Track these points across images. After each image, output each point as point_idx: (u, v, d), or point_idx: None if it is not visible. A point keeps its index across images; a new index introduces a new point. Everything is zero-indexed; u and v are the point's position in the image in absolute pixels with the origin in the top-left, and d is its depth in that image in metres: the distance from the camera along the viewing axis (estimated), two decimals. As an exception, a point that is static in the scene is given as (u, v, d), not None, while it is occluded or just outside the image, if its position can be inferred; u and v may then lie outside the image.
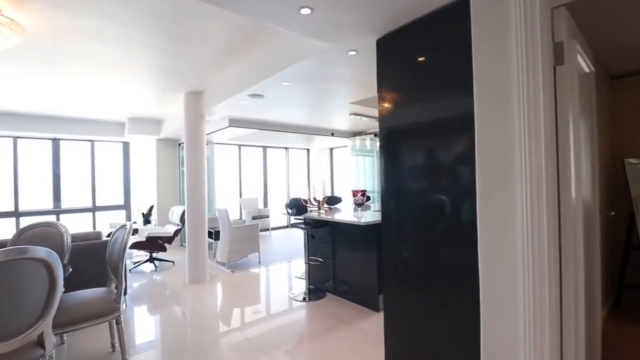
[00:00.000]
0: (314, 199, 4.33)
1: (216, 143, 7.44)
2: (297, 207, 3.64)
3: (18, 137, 6.24)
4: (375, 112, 5.02)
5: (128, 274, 4.76)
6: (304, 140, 8.87)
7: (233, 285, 4.38)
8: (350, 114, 5.04)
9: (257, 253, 5.43)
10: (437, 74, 1.87)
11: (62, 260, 2.83)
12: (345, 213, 4.16)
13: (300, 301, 3.71)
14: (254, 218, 7.73)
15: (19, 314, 1.67)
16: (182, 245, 6.70)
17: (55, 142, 6.62)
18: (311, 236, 3.82)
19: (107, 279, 2.87)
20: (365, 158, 6.91)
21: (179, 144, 7.25)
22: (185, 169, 4.49)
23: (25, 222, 6.31)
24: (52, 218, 6.55)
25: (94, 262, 3.29)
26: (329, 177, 9.39)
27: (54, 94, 4.59)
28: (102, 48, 2.96)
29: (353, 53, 2.45)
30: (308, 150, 9.68)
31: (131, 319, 3.38)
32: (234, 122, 5.19)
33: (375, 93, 3.83)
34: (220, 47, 3.01)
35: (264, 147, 8.88)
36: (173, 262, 5.47)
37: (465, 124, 1.66)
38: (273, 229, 8.41)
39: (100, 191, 7.07)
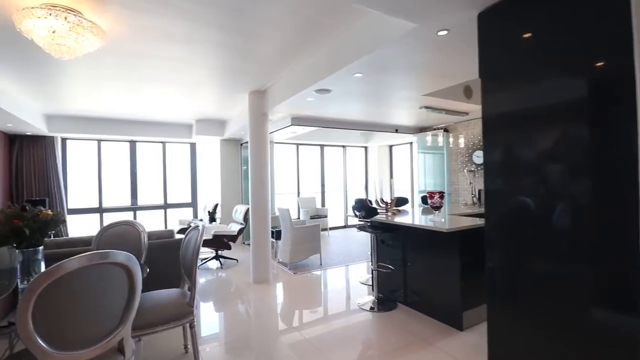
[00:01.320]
0: (381, 200, 4.02)
1: (275, 142, 7.46)
2: (366, 209, 3.36)
3: (101, 140, 6.85)
4: (450, 105, 4.55)
5: (197, 263, 4.94)
6: (362, 137, 8.56)
7: (296, 288, 4.26)
8: (420, 108, 4.62)
9: (318, 255, 5.27)
10: (558, 49, 1.46)
11: (139, 259, 2.91)
12: (418, 216, 3.78)
13: (367, 310, 3.44)
14: (312, 217, 7.64)
15: (101, 319, 1.63)
16: (244, 243, 6.83)
17: (132, 144, 7.15)
18: (381, 241, 3.52)
19: (179, 278, 2.89)
20: (434, 156, 6.39)
21: (241, 144, 7.40)
22: (249, 168, 4.47)
23: (107, 217, 6.92)
24: (130, 214, 7.10)
25: (167, 260, 3.36)
26: (388, 176, 8.95)
27: (131, 99, 4.88)
28: (171, 48, 2.98)
29: (443, 33, 2.10)
30: (366, 148, 9.34)
31: (198, 312, 3.46)
32: (297, 121, 5.07)
33: (453, 82, 3.44)
34: (287, 38, 2.84)
35: (322, 146, 8.75)
36: (237, 260, 5.55)
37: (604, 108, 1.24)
38: (331, 228, 8.25)
39: (171, 189, 7.50)
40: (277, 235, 5.54)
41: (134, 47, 2.93)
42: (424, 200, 5.35)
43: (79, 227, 6.60)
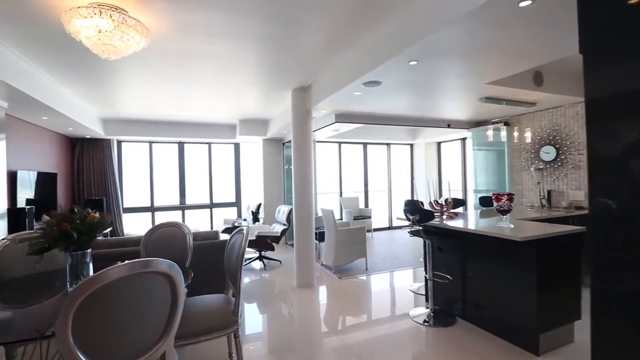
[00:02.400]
0: (435, 202, 3.65)
1: (317, 141, 7.29)
2: (421, 213, 3.03)
3: (152, 142, 7.15)
4: (515, 94, 4.04)
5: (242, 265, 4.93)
6: (408, 134, 8.12)
7: (341, 293, 4.04)
8: (480, 99, 4.16)
9: (363, 258, 5.00)
10: None
11: (185, 261, 2.87)
12: (480, 221, 3.37)
13: (421, 324, 3.11)
14: (355, 218, 7.36)
15: (143, 331, 1.53)
16: (287, 243, 6.75)
17: (181, 145, 7.39)
18: (438, 248, 3.17)
19: (225, 282, 2.79)
20: (491, 152, 5.81)
21: (283, 143, 7.33)
22: (292, 167, 4.32)
23: (158, 216, 7.21)
24: (178, 213, 7.34)
25: (212, 262, 3.31)
26: (436, 175, 8.41)
27: (178, 100, 4.98)
28: (214, 44, 2.89)
29: (526, 3, 1.74)
30: (411, 145, 8.86)
31: (242, 316, 3.45)
32: (341, 117, 4.84)
33: (524, 67, 2.97)
34: (335, 23, 2.61)
35: (365, 144, 8.43)
36: (280, 262, 5.46)
37: None
38: (375, 230, 7.91)
39: (216, 189, 7.65)
40: (320, 236, 5.36)
41: (177, 45, 2.88)
42: (482, 202, 4.85)
43: (134, 225, 6.94)
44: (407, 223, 3.41)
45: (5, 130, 3.56)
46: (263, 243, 5.09)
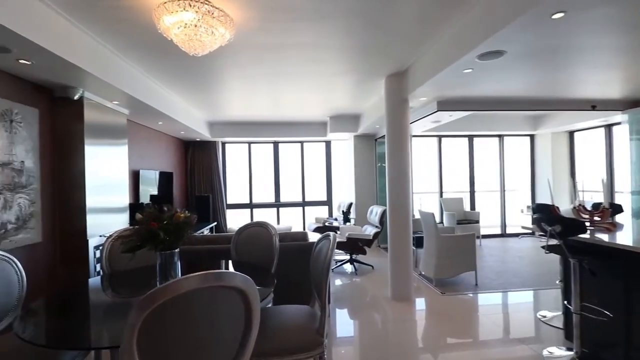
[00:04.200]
0: (582, 207, 2.73)
1: (413, 136, 6.61)
2: (565, 223, 2.23)
3: (251, 143, 7.54)
4: None
5: (330, 273, 4.73)
6: (528, 122, 6.76)
7: (444, 311, 3.41)
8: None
9: (473, 272, 4.22)
10: None
11: (271, 263, 2.72)
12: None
13: (563, 369, 2.31)
14: (458, 223, 6.45)
15: (214, 350, 1.33)
16: (379, 246, 6.29)
17: (275, 145, 7.63)
18: (590, 272, 2.31)
19: (311, 290, 2.53)
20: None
21: (376, 139, 6.88)
22: (386, 164, 3.86)
23: (256, 212, 7.58)
24: (273, 211, 7.60)
25: (298, 266, 3.12)
26: (567, 172, 6.78)
27: (271, 99, 5.03)
28: (300, 27, 2.65)
29: None
30: (532, 136, 7.36)
31: (333, 316, 3.39)
32: (444, 105, 4.15)
33: None
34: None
35: (470, 137, 7.35)
36: (372, 267, 5.05)
37: None
38: (484, 237, 6.81)
39: (308, 188, 7.67)
40: (417, 242, 4.75)
41: (263, 37, 2.75)
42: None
43: (235, 220, 7.46)
44: (529, 231, 2.61)
45: (128, 134, 4.04)
46: (354, 246, 4.76)
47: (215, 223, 6.84)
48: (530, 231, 2.76)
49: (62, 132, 3.12)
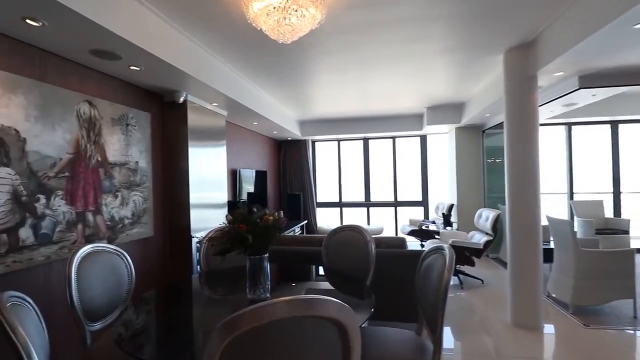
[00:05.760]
0: None
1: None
2: None
3: (340, 140, 7.35)
4: None
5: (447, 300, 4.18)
6: None
7: (591, 353, 2.58)
8: None
9: (630, 300, 3.17)
10: None
11: (367, 274, 2.38)
12: None
13: None
14: (597, 232, 5.08)
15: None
16: (487, 256, 5.39)
17: (365, 141, 7.28)
18: None
19: (412, 307, 2.11)
20: None
21: (483, 131, 5.94)
22: (505, 158, 3.15)
23: (345, 212, 7.36)
24: (363, 210, 7.27)
25: (396, 277, 2.72)
26: None
27: (361, 94, 4.70)
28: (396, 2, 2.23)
29: None
30: None
31: None
32: (589, 80, 3.19)
33: None
34: None
35: (613, 122, 5.79)
36: (482, 281, 4.30)
37: None
38: (638, 251, 5.24)
39: (401, 186, 7.12)
40: (544, 255, 3.82)
41: (353, 16, 2.43)
42: None
43: (325, 218, 7.38)
44: None
45: (226, 135, 4.21)
46: (459, 255, 4.09)
47: (306, 221, 6.85)
48: None
49: (170, 134, 3.34)
